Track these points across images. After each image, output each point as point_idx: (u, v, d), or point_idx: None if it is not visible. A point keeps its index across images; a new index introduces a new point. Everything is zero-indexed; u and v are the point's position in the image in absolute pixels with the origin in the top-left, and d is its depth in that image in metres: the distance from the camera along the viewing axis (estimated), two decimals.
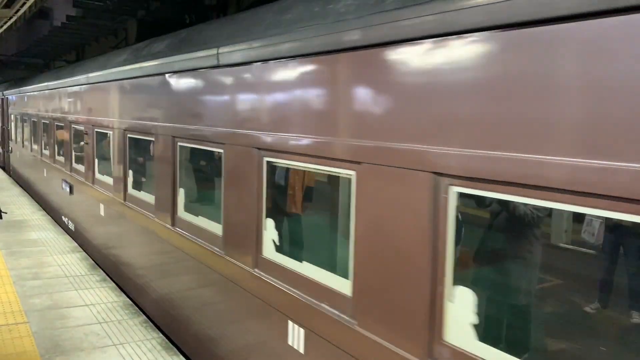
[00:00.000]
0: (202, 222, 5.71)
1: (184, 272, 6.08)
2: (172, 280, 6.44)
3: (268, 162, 4.37)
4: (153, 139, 6.72)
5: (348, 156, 3.40)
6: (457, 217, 2.81)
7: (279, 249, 4.44)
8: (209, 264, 5.39)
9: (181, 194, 6.21)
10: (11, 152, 20.14)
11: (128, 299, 7.51)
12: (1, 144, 22.84)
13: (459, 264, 2.85)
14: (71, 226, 11.34)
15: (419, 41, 2.88)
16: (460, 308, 2.81)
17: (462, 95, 2.69)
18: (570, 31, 2.22)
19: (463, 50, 2.66)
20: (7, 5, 12.29)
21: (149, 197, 7.14)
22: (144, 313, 7.01)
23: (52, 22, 24.26)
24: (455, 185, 2.77)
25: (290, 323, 4.06)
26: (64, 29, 19.71)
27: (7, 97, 21.00)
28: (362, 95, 3.38)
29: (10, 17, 13.80)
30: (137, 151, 7.83)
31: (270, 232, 4.48)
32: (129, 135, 7.78)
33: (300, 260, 4.15)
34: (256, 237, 4.49)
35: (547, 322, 3.09)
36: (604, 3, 2.06)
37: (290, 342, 4.06)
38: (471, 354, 2.71)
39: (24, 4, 11.98)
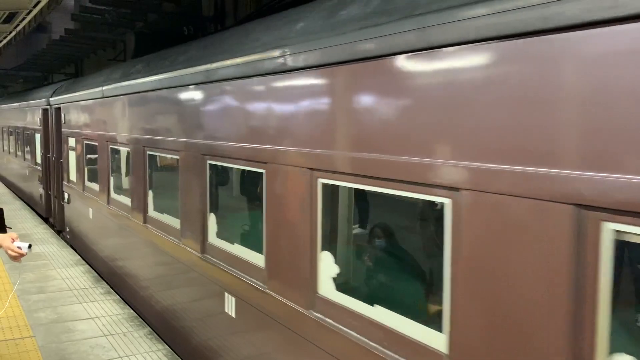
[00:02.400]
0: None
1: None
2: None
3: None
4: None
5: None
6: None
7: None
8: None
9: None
10: (68, 202, 11.64)
11: (133, 311, 7.56)
12: (44, 183, 14.32)
13: None
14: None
15: None
16: None
17: None
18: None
19: None
20: (7, 21, 12.37)
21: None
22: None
23: (51, 35, 24.39)
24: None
25: None
26: (62, 42, 19.82)
27: (60, 107, 12.08)
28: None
29: (10, 32, 13.89)
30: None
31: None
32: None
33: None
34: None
35: None
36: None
37: None
38: None
39: (24, 19, 12.07)
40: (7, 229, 6.41)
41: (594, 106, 2.07)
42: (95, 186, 9.62)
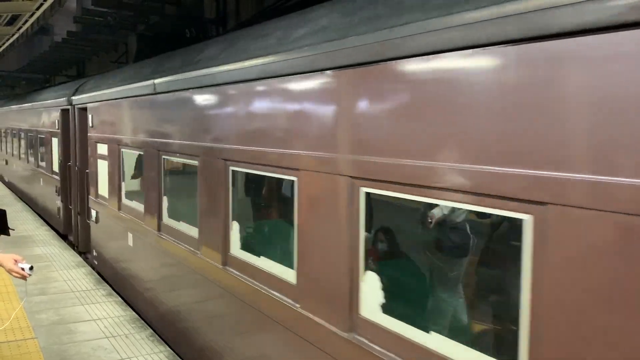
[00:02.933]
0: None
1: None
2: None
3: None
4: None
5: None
6: None
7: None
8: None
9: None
10: (96, 220, 9.57)
11: (134, 313, 7.56)
12: (63, 196, 12.36)
13: None
14: None
15: None
16: None
17: None
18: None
19: None
20: (10, 23, 12.42)
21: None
22: None
23: (53, 37, 24.47)
24: None
25: None
26: (64, 45, 19.91)
27: (87, 107, 9.93)
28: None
29: (13, 35, 13.94)
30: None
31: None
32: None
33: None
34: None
35: None
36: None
37: None
38: None
39: (26, 21, 12.11)
40: (9, 230, 6.43)
41: None
42: (137, 206, 7.47)
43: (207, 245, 5.37)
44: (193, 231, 5.69)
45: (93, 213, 9.72)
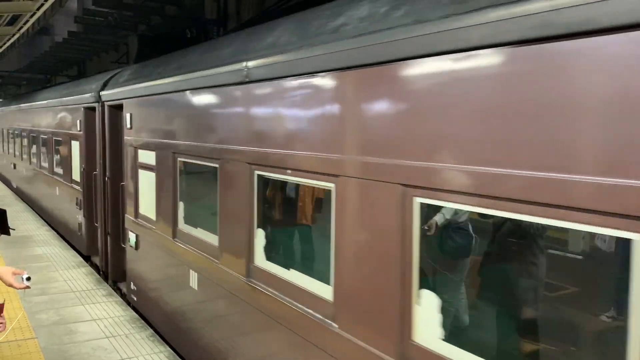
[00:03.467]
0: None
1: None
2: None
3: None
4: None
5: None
6: None
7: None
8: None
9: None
10: (136, 246, 7.64)
11: (134, 313, 7.57)
12: (86, 210, 10.44)
13: None
14: None
15: None
16: None
17: None
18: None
19: None
20: (10, 23, 12.44)
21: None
22: None
23: (54, 37, 24.49)
24: None
25: None
26: (65, 45, 19.92)
27: (123, 104, 8.02)
28: None
29: (13, 35, 13.95)
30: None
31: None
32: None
33: None
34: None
35: None
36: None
37: None
38: None
39: (27, 21, 12.12)
40: (10, 230, 6.44)
41: None
42: (206, 237, 5.49)
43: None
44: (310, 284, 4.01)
45: (131, 236, 7.67)
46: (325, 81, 3.57)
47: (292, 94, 3.98)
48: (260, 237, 4.56)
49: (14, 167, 19.54)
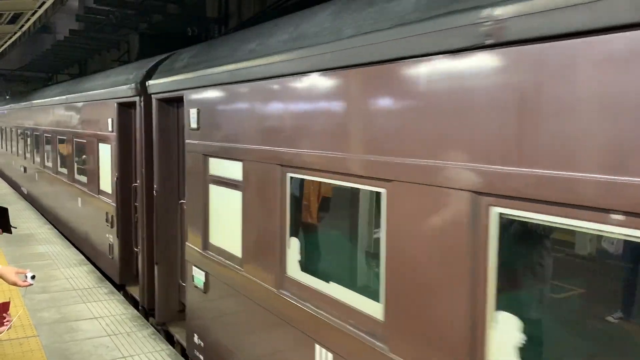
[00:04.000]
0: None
1: None
2: None
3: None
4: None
5: None
6: None
7: None
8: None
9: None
10: (205, 288, 5.59)
11: (136, 311, 7.57)
12: (120, 229, 8.74)
13: None
14: None
15: None
16: None
17: None
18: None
19: None
20: (11, 21, 12.43)
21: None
22: None
23: (55, 36, 24.51)
24: None
25: None
26: (66, 43, 19.92)
27: (183, 95, 6.00)
28: None
29: (15, 33, 13.95)
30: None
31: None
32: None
33: None
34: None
35: None
36: None
37: None
38: None
39: (28, 20, 12.12)
40: (11, 228, 6.45)
41: None
42: (355, 300, 3.61)
43: None
44: None
45: (197, 274, 5.77)
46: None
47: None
48: None
49: (25, 171, 17.73)
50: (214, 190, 5.42)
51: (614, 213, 1.99)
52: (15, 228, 7.01)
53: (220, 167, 5.26)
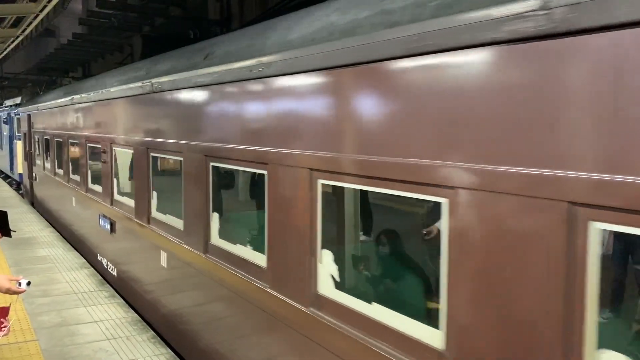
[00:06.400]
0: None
1: None
2: None
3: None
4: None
5: None
6: None
7: None
8: None
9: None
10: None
11: (136, 315, 7.52)
12: None
13: None
14: None
15: None
16: None
17: None
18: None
19: None
20: (14, 25, 12.46)
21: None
22: None
23: (59, 39, 24.56)
24: None
25: None
26: (70, 46, 19.98)
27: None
28: None
29: (17, 36, 13.99)
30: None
31: None
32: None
33: None
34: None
35: None
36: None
37: None
38: None
39: (31, 23, 12.14)
40: (11, 232, 6.41)
41: None
42: None
43: None
44: None
45: None
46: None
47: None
48: None
49: (74, 203, 11.54)
50: None
51: None
52: (15, 232, 6.99)
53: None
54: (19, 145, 20.82)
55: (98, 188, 9.80)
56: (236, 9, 12.28)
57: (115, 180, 8.91)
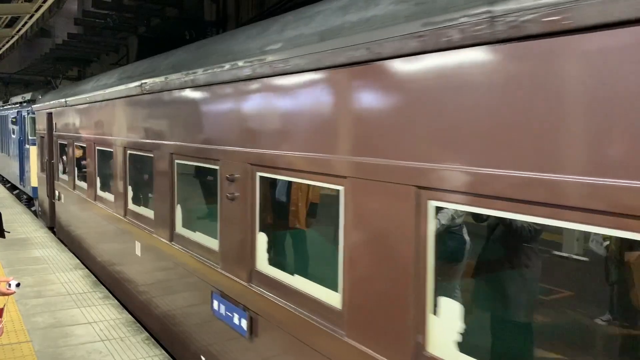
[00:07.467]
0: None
1: None
2: None
3: None
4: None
5: None
6: None
7: None
8: None
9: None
10: None
11: (130, 316, 7.50)
12: None
13: None
14: None
15: None
16: None
17: None
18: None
19: None
20: (9, 25, 12.42)
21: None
22: None
23: (54, 39, 24.48)
24: None
25: None
26: (65, 47, 19.91)
27: None
28: None
29: (12, 37, 13.94)
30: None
31: None
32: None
33: None
34: None
35: None
36: None
37: None
38: None
39: (26, 23, 12.11)
40: (5, 233, 6.39)
41: None
42: None
43: None
44: None
45: None
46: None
47: None
48: None
49: (139, 251, 7.30)
50: None
51: None
52: (9, 232, 6.96)
53: None
54: (32, 152, 16.15)
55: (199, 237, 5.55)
56: (232, 10, 12.27)
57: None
